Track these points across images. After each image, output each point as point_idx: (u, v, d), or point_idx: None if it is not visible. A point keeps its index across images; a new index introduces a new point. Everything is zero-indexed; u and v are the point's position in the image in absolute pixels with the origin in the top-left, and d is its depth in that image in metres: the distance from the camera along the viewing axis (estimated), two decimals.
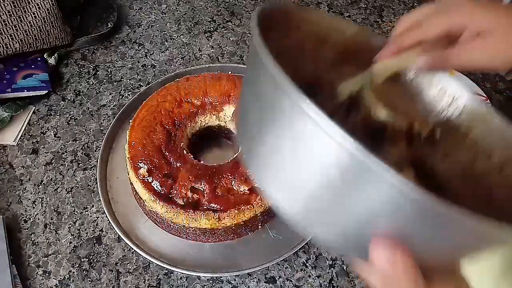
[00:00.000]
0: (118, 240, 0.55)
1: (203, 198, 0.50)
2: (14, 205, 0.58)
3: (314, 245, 0.55)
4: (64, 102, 0.69)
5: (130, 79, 0.73)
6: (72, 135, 0.65)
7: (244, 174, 0.52)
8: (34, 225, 0.56)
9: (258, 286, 0.52)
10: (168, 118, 0.57)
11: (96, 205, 0.58)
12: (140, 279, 0.52)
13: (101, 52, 0.77)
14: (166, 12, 0.84)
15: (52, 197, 0.59)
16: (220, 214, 0.50)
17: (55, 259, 0.54)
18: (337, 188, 0.21)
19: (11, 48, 0.67)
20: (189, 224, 0.51)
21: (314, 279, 0.53)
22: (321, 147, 0.20)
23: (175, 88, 0.60)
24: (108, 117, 0.68)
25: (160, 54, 0.76)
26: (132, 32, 0.80)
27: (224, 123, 0.60)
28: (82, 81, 0.72)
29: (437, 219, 0.20)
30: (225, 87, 0.60)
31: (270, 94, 0.23)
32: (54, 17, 0.69)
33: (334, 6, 0.87)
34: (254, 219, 0.52)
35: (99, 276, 0.52)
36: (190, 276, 0.52)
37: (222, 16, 0.83)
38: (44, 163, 0.62)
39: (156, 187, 0.51)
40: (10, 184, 0.60)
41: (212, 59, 0.76)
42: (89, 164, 0.62)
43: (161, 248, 0.54)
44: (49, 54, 0.72)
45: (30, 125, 0.66)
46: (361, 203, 0.20)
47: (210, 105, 0.59)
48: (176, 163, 0.53)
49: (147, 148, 0.54)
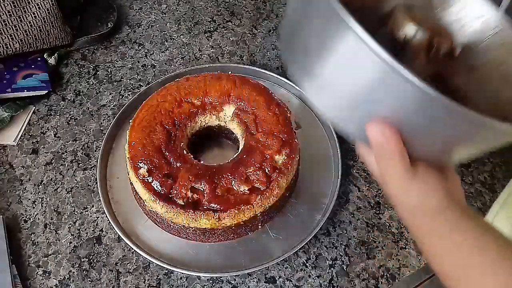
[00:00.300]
0: (118, 240, 0.55)
1: (203, 198, 0.50)
2: (14, 205, 0.58)
3: (314, 245, 0.55)
4: (64, 102, 0.69)
5: (130, 79, 0.73)
6: (72, 135, 0.65)
7: (244, 174, 0.52)
8: (34, 225, 0.56)
9: (258, 286, 0.52)
10: (168, 118, 0.57)
11: (96, 205, 0.58)
12: (140, 279, 0.52)
13: (101, 52, 0.77)
14: (166, 12, 0.84)
15: (52, 197, 0.59)
16: (220, 214, 0.50)
17: (55, 259, 0.54)
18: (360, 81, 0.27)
19: (11, 48, 0.67)
20: (189, 224, 0.51)
21: (314, 279, 0.53)
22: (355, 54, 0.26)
23: (175, 88, 0.60)
24: (108, 117, 0.68)
25: (160, 54, 0.76)
26: (132, 32, 0.80)
27: (224, 123, 0.60)
28: (82, 81, 0.72)
29: (436, 110, 0.25)
30: (225, 87, 0.60)
31: (320, 8, 0.27)
32: (54, 17, 0.69)
33: None
34: (254, 219, 0.52)
35: (99, 276, 0.52)
36: (190, 276, 0.52)
37: (222, 16, 0.83)
38: (44, 163, 0.62)
39: (156, 187, 0.51)
40: (10, 184, 0.60)
41: (212, 59, 0.76)
42: (89, 164, 0.62)
43: (161, 248, 0.54)
44: (49, 54, 0.72)
45: (30, 125, 0.66)
46: (375, 95, 0.27)
47: (210, 105, 0.59)
48: (176, 163, 0.53)
49: (147, 148, 0.54)
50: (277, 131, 0.56)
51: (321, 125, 0.66)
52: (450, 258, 0.32)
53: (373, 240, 0.56)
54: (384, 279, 0.53)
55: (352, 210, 0.58)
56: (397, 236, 0.56)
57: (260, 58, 0.76)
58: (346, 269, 0.54)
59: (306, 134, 0.64)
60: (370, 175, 0.61)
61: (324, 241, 0.56)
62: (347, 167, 0.62)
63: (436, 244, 0.33)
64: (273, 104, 0.58)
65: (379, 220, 0.58)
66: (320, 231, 0.56)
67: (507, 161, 0.63)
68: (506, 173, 0.62)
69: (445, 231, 0.31)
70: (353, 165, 0.63)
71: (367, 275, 0.53)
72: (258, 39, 0.79)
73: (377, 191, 0.60)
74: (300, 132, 0.64)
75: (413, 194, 0.31)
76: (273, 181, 0.52)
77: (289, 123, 0.57)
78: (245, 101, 0.59)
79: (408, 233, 0.56)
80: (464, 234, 0.31)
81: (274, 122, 0.56)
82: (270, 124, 0.56)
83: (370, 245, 0.55)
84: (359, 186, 0.61)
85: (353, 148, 0.64)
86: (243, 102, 0.59)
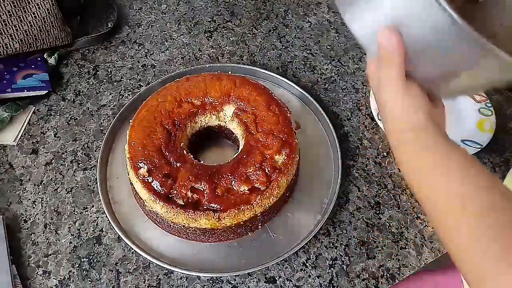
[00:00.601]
0: (118, 240, 0.55)
1: (203, 198, 0.50)
2: (14, 205, 0.58)
3: (314, 245, 0.55)
4: (64, 102, 0.69)
5: (130, 79, 0.73)
6: (72, 135, 0.65)
7: (244, 174, 0.52)
8: (34, 225, 0.56)
9: (258, 286, 0.52)
10: (168, 118, 0.57)
11: (96, 205, 0.58)
12: (140, 279, 0.52)
13: (101, 52, 0.77)
14: (166, 12, 0.84)
15: (52, 197, 0.59)
16: (220, 214, 0.50)
17: (55, 259, 0.54)
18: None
19: (11, 48, 0.67)
20: (189, 224, 0.51)
21: (314, 279, 0.53)
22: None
23: (175, 88, 0.60)
24: (108, 117, 0.68)
25: (160, 54, 0.76)
26: (132, 32, 0.80)
27: (224, 123, 0.60)
28: (82, 81, 0.72)
29: (447, 28, 0.28)
30: (225, 87, 0.60)
31: None
32: (54, 17, 0.69)
33: (335, 6, 0.87)
34: (254, 219, 0.52)
35: (99, 276, 0.52)
36: (190, 276, 0.52)
37: (222, 16, 0.83)
38: (44, 163, 0.62)
39: (156, 187, 0.51)
40: (10, 184, 0.60)
41: (212, 59, 0.76)
42: (89, 164, 0.62)
43: (161, 248, 0.54)
44: (49, 54, 0.72)
45: (30, 125, 0.66)
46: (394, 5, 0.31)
47: (210, 105, 0.59)
48: (176, 163, 0.53)
49: (147, 148, 0.54)
50: (277, 131, 0.56)
51: (321, 125, 0.66)
52: (423, 172, 0.36)
53: (373, 240, 0.56)
54: (384, 279, 0.53)
55: (352, 210, 0.58)
56: (397, 236, 0.56)
57: (260, 58, 0.76)
58: (346, 269, 0.54)
59: (306, 134, 0.64)
60: (370, 175, 0.61)
61: (324, 241, 0.56)
62: (347, 167, 0.62)
63: (413, 158, 0.37)
64: (273, 104, 0.58)
65: (379, 220, 0.58)
66: (320, 231, 0.56)
67: (507, 161, 0.63)
68: (506, 173, 0.62)
69: (421, 147, 0.36)
70: (353, 165, 0.63)
71: (367, 275, 0.53)
72: (258, 39, 0.79)
73: (377, 191, 0.60)
74: (300, 132, 0.64)
75: (400, 103, 0.36)
76: (273, 181, 0.52)
77: (289, 123, 0.57)
78: (245, 101, 0.59)
79: (408, 232, 0.56)
80: (436, 152, 0.35)
81: (274, 122, 0.56)
82: (270, 124, 0.56)
83: (370, 245, 0.55)
84: (359, 186, 0.61)
85: (353, 148, 0.64)
86: (243, 102, 0.59)
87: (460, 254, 0.32)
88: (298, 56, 0.77)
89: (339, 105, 0.70)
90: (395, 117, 0.37)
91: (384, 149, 0.65)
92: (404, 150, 0.37)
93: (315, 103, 0.66)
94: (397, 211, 0.58)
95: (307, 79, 0.73)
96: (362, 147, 0.65)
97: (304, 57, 0.76)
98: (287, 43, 0.79)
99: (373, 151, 0.64)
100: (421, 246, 0.56)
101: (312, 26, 0.82)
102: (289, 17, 0.83)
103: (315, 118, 0.67)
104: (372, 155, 0.64)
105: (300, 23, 0.82)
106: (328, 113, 0.67)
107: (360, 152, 0.64)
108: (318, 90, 0.72)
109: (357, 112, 0.69)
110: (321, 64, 0.75)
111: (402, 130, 0.37)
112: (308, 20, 0.83)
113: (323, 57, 0.76)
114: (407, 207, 0.59)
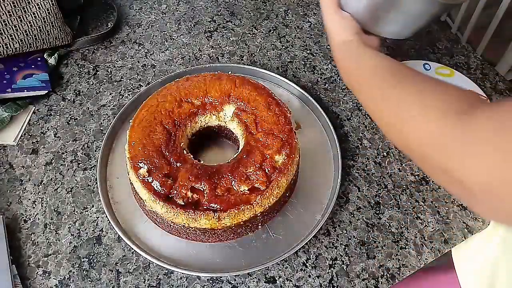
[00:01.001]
0: (118, 240, 0.55)
1: (203, 198, 0.50)
2: (14, 205, 0.58)
3: (314, 245, 0.55)
4: (64, 102, 0.69)
5: (130, 79, 0.73)
6: (72, 135, 0.65)
7: (244, 174, 0.52)
8: (34, 225, 0.56)
9: (258, 286, 0.52)
10: (168, 118, 0.57)
11: (96, 205, 0.58)
12: (140, 279, 0.52)
13: (101, 52, 0.77)
14: (166, 12, 0.84)
15: (52, 197, 0.59)
16: (220, 214, 0.50)
17: (55, 259, 0.54)
18: None
19: (11, 48, 0.67)
20: (189, 224, 0.51)
21: (314, 279, 0.53)
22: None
23: (175, 88, 0.60)
24: (108, 117, 0.68)
25: (160, 54, 0.76)
26: (132, 32, 0.80)
27: (224, 123, 0.60)
28: (82, 81, 0.72)
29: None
30: (225, 87, 0.60)
31: None
32: (54, 17, 0.69)
33: None
34: (254, 219, 0.52)
35: (99, 276, 0.52)
36: (190, 276, 0.52)
37: (222, 16, 0.83)
38: (44, 163, 0.62)
39: (156, 187, 0.51)
40: (10, 184, 0.60)
41: (212, 59, 0.76)
42: (89, 164, 0.62)
43: (161, 248, 0.54)
44: (49, 54, 0.72)
45: (30, 125, 0.66)
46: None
47: (210, 105, 0.59)
48: (176, 163, 0.53)
49: (147, 148, 0.54)
50: (277, 131, 0.56)
51: (321, 125, 0.66)
52: (356, 72, 0.46)
53: (373, 240, 0.56)
54: (384, 279, 0.53)
55: (352, 210, 0.58)
56: (397, 236, 0.56)
57: (260, 58, 0.76)
58: (346, 269, 0.54)
59: (306, 134, 0.64)
60: (370, 175, 0.61)
61: (324, 241, 0.56)
62: (347, 167, 0.62)
63: (347, 62, 0.48)
64: (273, 104, 0.58)
65: (379, 220, 0.58)
66: (320, 231, 0.56)
67: None
68: None
69: (351, 53, 0.47)
70: (353, 165, 0.63)
71: (367, 275, 0.53)
72: (258, 39, 0.79)
73: (377, 191, 0.60)
74: (300, 132, 0.64)
75: (336, 21, 0.49)
76: (273, 181, 0.52)
77: (289, 123, 0.57)
78: (245, 101, 0.59)
79: (408, 232, 0.56)
80: (363, 54, 0.46)
81: (274, 122, 0.56)
82: (270, 124, 0.56)
83: (370, 245, 0.55)
84: (359, 186, 0.61)
85: (353, 148, 0.64)
86: (243, 102, 0.59)
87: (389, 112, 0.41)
88: (298, 56, 0.77)
89: (339, 105, 0.70)
90: (330, 33, 0.50)
91: (384, 149, 0.65)
92: (342, 57, 0.49)
93: (315, 103, 0.66)
94: (397, 211, 0.58)
95: (307, 79, 0.73)
96: (362, 147, 0.65)
97: (304, 57, 0.76)
98: (287, 43, 0.79)
99: (373, 151, 0.64)
100: (421, 246, 0.56)
101: (312, 26, 0.82)
102: (289, 17, 0.83)
103: (315, 118, 0.67)
104: (372, 155, 0.64)
105: (300, 23, 0.82)
106: (328, 113, 0.67)
107: (360, 152, 0.64)
108: (318, 90, 0.72)
109: (357, 112, 0.69)
110: (321, 64, 0.75)
111: (337, 43, 0.49)
112: (308, 20, 0.83)
113: (323, 57, 0.76)
114: (407, 207, 0.59)
